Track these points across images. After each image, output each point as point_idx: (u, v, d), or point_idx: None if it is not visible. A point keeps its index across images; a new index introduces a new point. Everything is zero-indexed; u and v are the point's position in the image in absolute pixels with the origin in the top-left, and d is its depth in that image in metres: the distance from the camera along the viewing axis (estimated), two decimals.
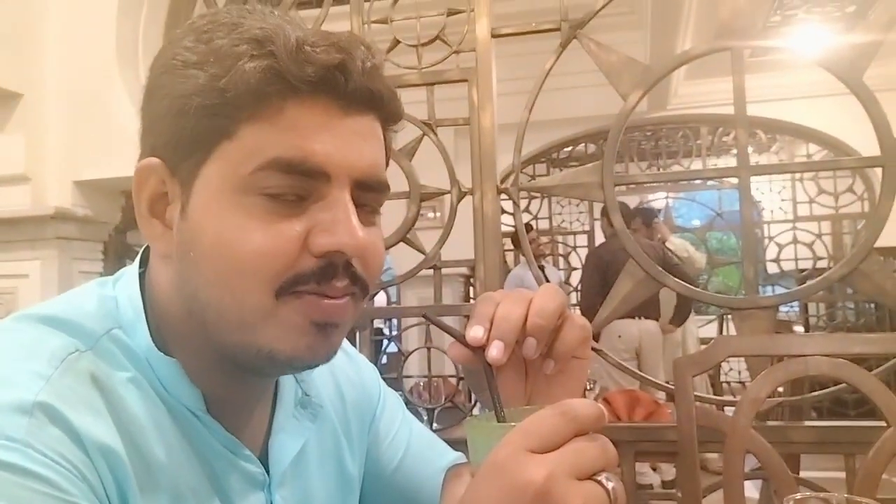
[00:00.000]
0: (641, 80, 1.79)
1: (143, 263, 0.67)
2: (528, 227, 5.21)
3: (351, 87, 0.57)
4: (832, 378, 1.31)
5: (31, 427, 0.50)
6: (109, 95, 2.06)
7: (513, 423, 0.49)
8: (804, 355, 1.24)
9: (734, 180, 1.80)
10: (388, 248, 1.93)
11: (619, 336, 4.16)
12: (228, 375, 0.63)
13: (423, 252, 1.97)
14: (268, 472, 0.68)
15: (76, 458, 0.52)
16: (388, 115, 0.63)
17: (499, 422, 0.55)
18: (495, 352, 0.58)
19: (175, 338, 0.62)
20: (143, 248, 0.68)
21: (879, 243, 1.70)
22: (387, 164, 0.65)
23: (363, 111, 0.60)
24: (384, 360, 3.68)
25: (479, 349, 0.59)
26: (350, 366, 0.84)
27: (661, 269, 1.82)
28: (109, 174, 1.99)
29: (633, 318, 4.13)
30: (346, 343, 0.85)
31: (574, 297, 5.55)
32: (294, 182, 0.57)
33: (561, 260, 5.91)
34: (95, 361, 0.57)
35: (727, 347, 1.33)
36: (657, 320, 4.35)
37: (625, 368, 1.91)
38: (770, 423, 1.72)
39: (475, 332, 0.59)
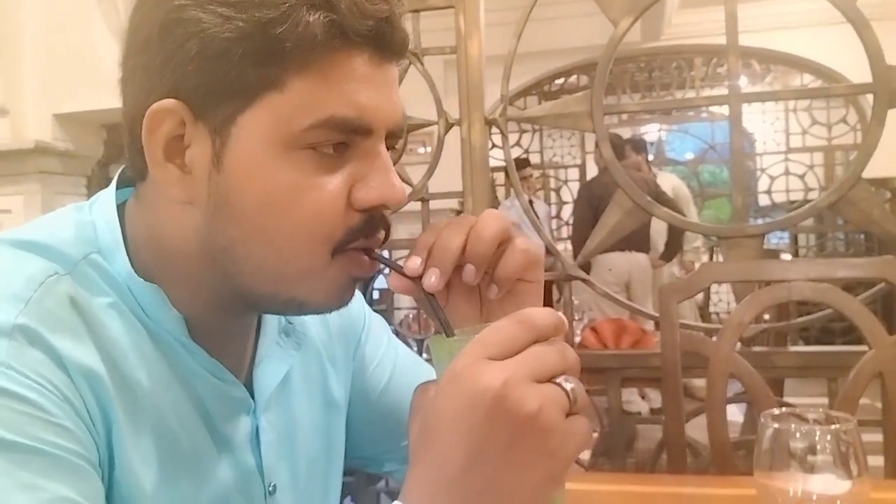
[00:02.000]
0: (633, 6, 1.75)
1: (118, 187, 0.66)
2: (526, 161, 5.17)
3: (395, 38, 0.57)
4: (816, 303, 1.32)
5: (12, 349, 0.50)
6: (88, 27, 2.00)
7: (474, 336, 0.50)
8: (788, 280, 1.25)
9: (727, 112, 1.78)
10: None
11: (610, 269, 4.19)
12: (219, 308, 0.63)
13: (410, 184, 1.96)
14: (253, 398, 0.68)
15: (58, 379, 0.51)
16: (404, 59, 0.63)
17: None
18: (432, 279, 0.59)
19: (164, 270, 0.61)
20: (119, 172, 0.67)
21: (873, 174, 1.70)
22: None
23: (393, 60, 0.59)
24: (375, 295, 3.71)
25: (419, 279, 0.59)
26: None
27: (649, 199, 1.82)
28: (89, 107, 1.95)
29: (624, 251, 4.15)
30: None
31: (565, 231, 5.56)
32: (343, 138, 0.56)
33: (552, 194, 5.88)
34: (74, 285, 0.57)
35: (712, 274, 1.34)
36: (647, 254, 4.37)
37: (612, 297, 1.93)
38: (755, 348, 1.75)
39: (412, 263, 0.59)
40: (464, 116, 1.85)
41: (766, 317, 2.21)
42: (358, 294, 0.88)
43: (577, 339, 2.82)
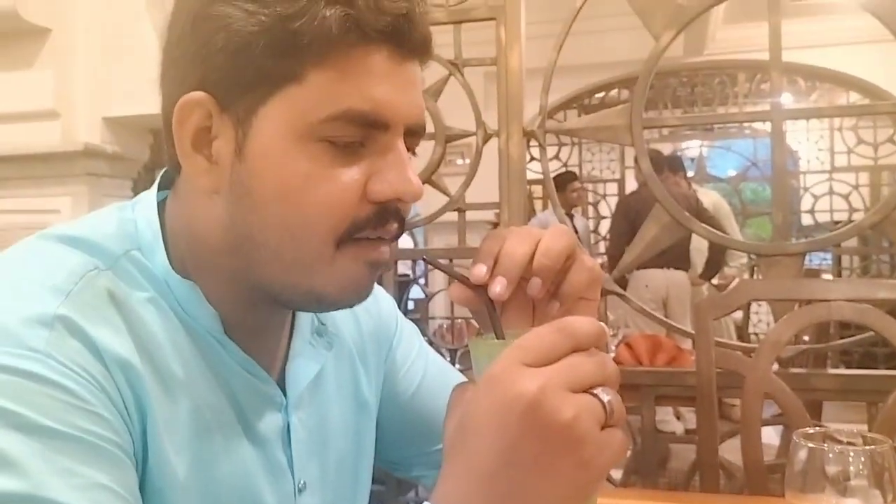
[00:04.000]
0: (675, 20, 1.74)
1: (161, 188, 0.68)
2: (573, 175, 5.16)
3: (414, 36, 0.59)
4: (857, 324, 1.29)
5: (52, 339, 0.52)
6: (138, 31, 2.05)
7: (513, 339, 0.50)
8: (828, 300, 1.23)
9: (770, 129, 1.76)
10: None
11: (647, 286, 4.13)
12: (252, 305, 0.65)
13: (447, 194, 1.97)
14: (286, 396, 0.69)
15: (95, 369, 0.53)
16: (428, 58, 0.64)
17: None
18: (499, 287, 0.58)
19: (198, 264, 0.63)
20: (161, 173, 0.69)
21: None
22: None
23: (415, 58, 0.61)
24: (410, 305, 3.72)
25: (482, 287, 0.58)
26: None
27: (687, 214, 1.81)
28: (138, 111, 2.00)
29: (662, 268, 4.09)
30: None
31: (602, 247, 5.51)
32: (359, 132, 0.58)
33: (590, 209, 5.84)
34: (114, 280, 0.59)
35: (750, 291, 1.32)
36: (686, 272, 4.30)
37: (648, 313, 1.91)
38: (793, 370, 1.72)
39: (478, 271, 0.59)
40: (502, 127, 1.85)
41: (806, 338, 2.16)
42: (390, 299, 0.90)
43: (612, 355, 2.79)
